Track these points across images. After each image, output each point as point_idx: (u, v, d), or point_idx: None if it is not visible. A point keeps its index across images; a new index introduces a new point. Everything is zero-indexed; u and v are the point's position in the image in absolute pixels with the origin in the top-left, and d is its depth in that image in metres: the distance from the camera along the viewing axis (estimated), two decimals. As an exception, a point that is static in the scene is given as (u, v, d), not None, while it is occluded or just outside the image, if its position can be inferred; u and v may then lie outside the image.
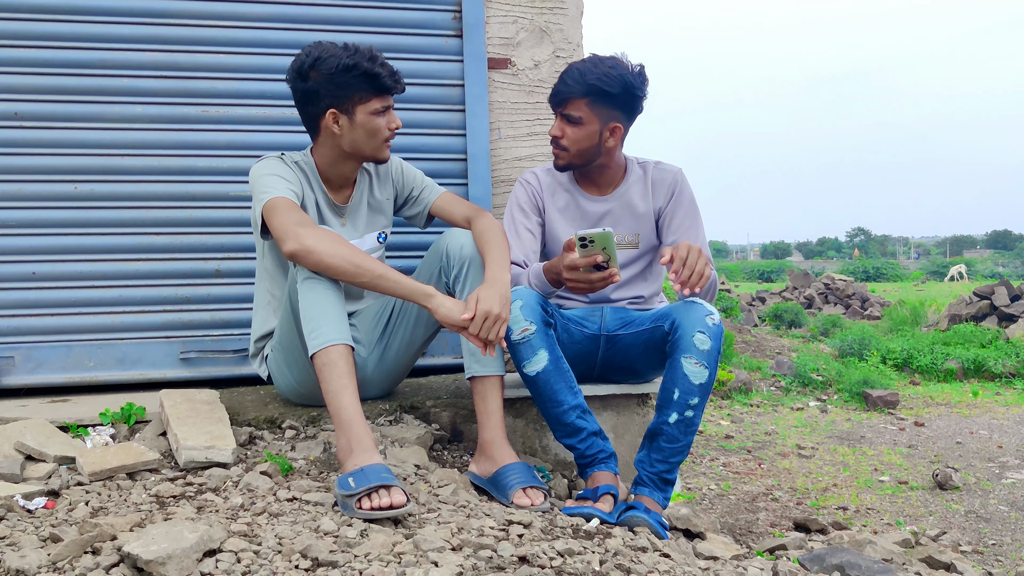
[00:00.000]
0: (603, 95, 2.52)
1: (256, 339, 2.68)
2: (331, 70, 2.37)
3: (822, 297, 16.80)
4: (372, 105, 2.43)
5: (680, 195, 2.68)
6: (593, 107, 2.53)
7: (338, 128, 2.44)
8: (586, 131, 2.56)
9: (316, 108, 2.44)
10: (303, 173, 2.53)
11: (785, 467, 4.65)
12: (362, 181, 2.65)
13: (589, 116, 2.54)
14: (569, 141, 2.57)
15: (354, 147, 2.48)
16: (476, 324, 2.20)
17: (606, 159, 2.65)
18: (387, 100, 2.46)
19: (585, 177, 2.71)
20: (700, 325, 2.31)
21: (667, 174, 2.70)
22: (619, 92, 2.52)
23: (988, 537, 3.53)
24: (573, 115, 2.55)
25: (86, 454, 2.25)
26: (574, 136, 2.57)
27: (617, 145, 2.64)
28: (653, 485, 2.40)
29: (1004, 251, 72.97)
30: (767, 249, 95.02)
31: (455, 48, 3.28)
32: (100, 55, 3.03)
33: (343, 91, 2.39)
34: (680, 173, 2.71)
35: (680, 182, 2.69)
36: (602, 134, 2.58)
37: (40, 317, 3.01)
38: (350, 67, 2.36)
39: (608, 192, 2.71)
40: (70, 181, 3.02)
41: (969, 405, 6.75)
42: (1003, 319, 11.30)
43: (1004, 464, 4.76)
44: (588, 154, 2.60)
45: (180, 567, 1.55)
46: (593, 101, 2.53)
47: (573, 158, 2.61)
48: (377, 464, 1.99)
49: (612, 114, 2.56)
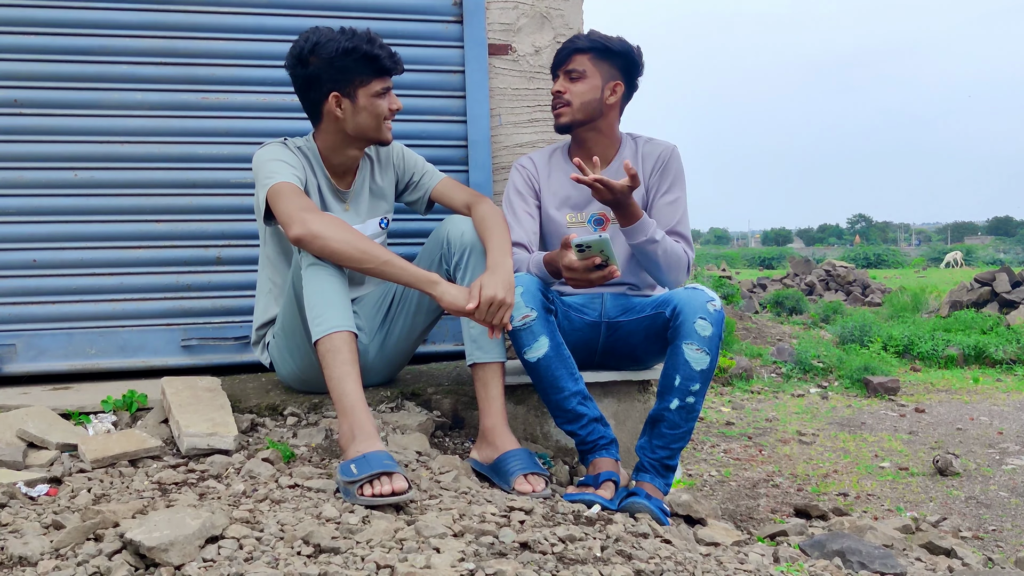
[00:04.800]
0: (605, 51, 2.60)
1: (258, 327, 2.68)
2: (331, 54, 2.36)
3: (823, 284, 16.80)
4: (373, 87, 2.42)
5: (666, 172, 2.65)
6: (595, 63, 2.60)
7: (341, 112, 2.43)
8: (589, 84, 2.60)
9: (318, 93, 2.43)
10: (306, 158, 2.52)
11: (786, 453, 4.66)
12: (364, 167, 2.65)
13: (592, 70, 2.60)
14: (572, 95, 2.61)
15: (357, 130, 2.47)
16: (481, 311, 2.21)
17: (605, 123, 2.66)
18: (387, 81, 2.46)
19: (580, 151, 2.70)
20: (701, 311, 2.31)
21: (658, 148, 2.69)
22: (620, 51, 2.61)
23: (988, 523, 3.53)
24: (576, 69, 2.60)
25: (88, 441, 2.25)
26: (577, 90, 2.60)
27: (617, 105, 2.67)
28: (655, 471, 2.40)
29: (1005, 237, 72.90)
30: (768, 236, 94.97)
31: (455, 34, 3.26)
32: (100, 42, 3.01)
33: (344, 75, 2.39)
34: (672, 149, 2.68)
35: (669, 158, 2.66)
36: (603, 90, 2.61)
37: (41, 305, 3.01)
38: (349, 50, 2.36)
39: (601, 167, 2.69)
40: (70, 168, 3.01)
41: (970, 391, 6.76)
42: (1004, 305, 11.30)
43: (1004, 450, 4.77)
44: (590, 108, 2.62)
45: (182, 553, 1.55)
46: (595, 56, 2.60)
47: (576, 113, 2.62)
48: (379, 451, 1.99)
49: (613, 72, 2.63)
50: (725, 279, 15.52)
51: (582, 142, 2.70)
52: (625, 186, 2.31)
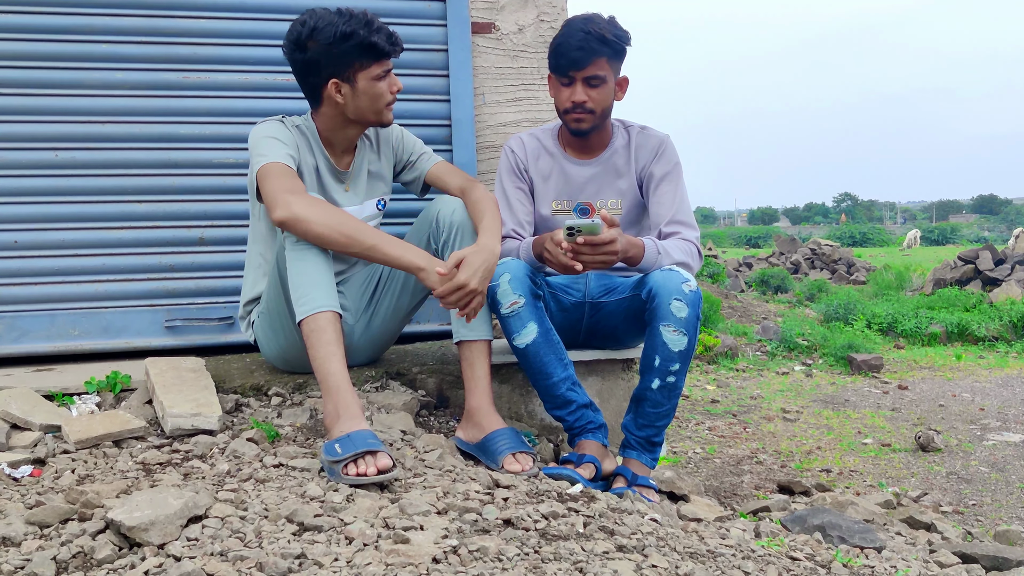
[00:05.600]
0: (618, 51, 2.54)
1: (245, 302, 2.66)
2: (329, 39, 2.33)
3: (808, 262, 16.88)
4: (373, 71, 2.40)
5: (664, 162, 2.64)
6: (611, 64, 2.54)
7: (341, 97, 2.41)
8: (608, 89, 2.55)
9: (317, 79, 2.41)
10: (304, 138, 2.50)
11: (770, 431, 4.69)
12: (363, 147, 2.63)
13: (609, 74, 2.54)
14: (595, 103, 2.53)
15: (358, 114, 2.46)
16: (448, 289, 2.19)
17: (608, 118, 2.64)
18: (386, 64, 2.43)
19: (573, 139, 2.68)
20: (677, 293, 2.31)
21: (651, 139, 2.67)
22: (626, 46, 2.56)
23: (968, 498, 3.58)
24: (599, 75, 2.50)
25: (72, 422, 2.25)
26: (598, 97, 2.53)
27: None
28: (640, 448, 2.43)
29: (989, 215, 73.33)
30: (754, 215, 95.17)
31: (438, 12, 3.24)
32: (80, 20, 2.98)
33: (343, 60, 2.36)
34: (666, 139, 2.67)
35: (664, 148, 2.65)
36: (614, 90, 2.58)
37: (23, 286, 2.99)
38: (348, 35, 2.33)
39: (593, 156, 2.68)
40: (51, 148, 2.98)
41: (952, 368, 6.82)
42: (987, 283, 11.38)
43: (985, 426, 4.82)
44: (607, 112, 2.60)
45: (163, 532, 1.56)
46: (611, 58, 2.53)
47: (597, 120, 2.57)
48: (364, 430, 1.99)
49: (618, 68, 2.59)
50: (711, 258, 15.56)
51: (582, 135, 2.67)
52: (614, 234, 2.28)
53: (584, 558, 1.61)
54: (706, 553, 1.81)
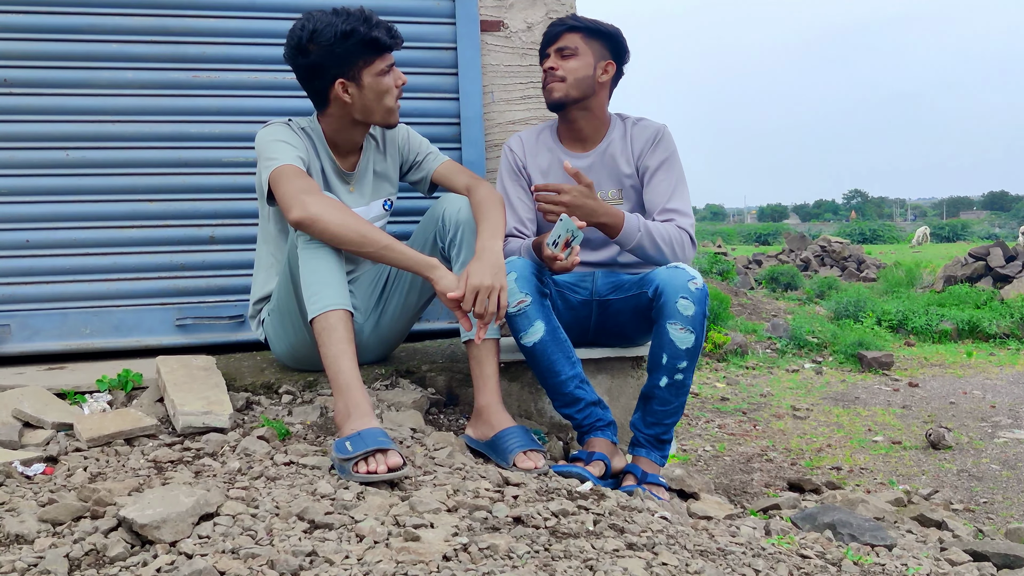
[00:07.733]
0: (595, 31, 2.62)
1: (255, 300, 2.67)
2: (330, 39, 2.33)
3: (818, 259, 16.82)
4: (377, 66, 2.41)
5: (660, 150, 2.65)
6: (587, 41, 2.62)
7: (348, 96, 2.42)
8: (582, 61, 2.61)
9: (323, 81, 2.41)
10: (310, 139, 2.51)
11: (780, 428, 4.68)
12: (368, 148, 2.64)
13: (584, 48, 2.61)
14: (565, 71, 2.60)
15: (365, 112, 2.46)
16: (468, 300, 2.19)
17: (596, 102, 2.66)
18: (389, 58, 2.44)
19: (569, 131, 2.70)
20: (683, 291, 2.31)
21: (648, 129, 2.68)
22: (609, 32, 2.63)
23: (979, 495, 3.57)
24: (568, 46, 2.60)
25: (84, 420, 2.26)
26: (570, 66, 2.60)
27: (607, 85, 2.68)
28: (650, 446, 2.44)
29: (1000, 212, 72.91)
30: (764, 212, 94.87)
31: (447, 10, 3.24)
32: (90, 20, 2.99)
33: (346, 59, 2.36)
34: (663, 128, 2.68)
35: (661, 137, 2.66)
36: (596, 68, 2.62)
37: (35, 285, 3.00)
38: (348, 33, 2.33)
39: (590, 148, 2.70)
40: (62, 148, 3.00)
41: (963, 365, 6.79)
42: (998, 280, 11.32)
43: (996, 423, 4.80)
44: (583, 85, 2.62)
45: (175, 530, 1.56)
46: (586, 35, 2.62)
47: (569, 88, 2.61)
48: (374, 428, 2.00)
49: (604, 52, 2.65)
50: (721, 255, 15.53)
51: (572, 122, 2.69)
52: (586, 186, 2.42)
53: (594, 556, 1.62)
54: (716, 551, 1.81)
